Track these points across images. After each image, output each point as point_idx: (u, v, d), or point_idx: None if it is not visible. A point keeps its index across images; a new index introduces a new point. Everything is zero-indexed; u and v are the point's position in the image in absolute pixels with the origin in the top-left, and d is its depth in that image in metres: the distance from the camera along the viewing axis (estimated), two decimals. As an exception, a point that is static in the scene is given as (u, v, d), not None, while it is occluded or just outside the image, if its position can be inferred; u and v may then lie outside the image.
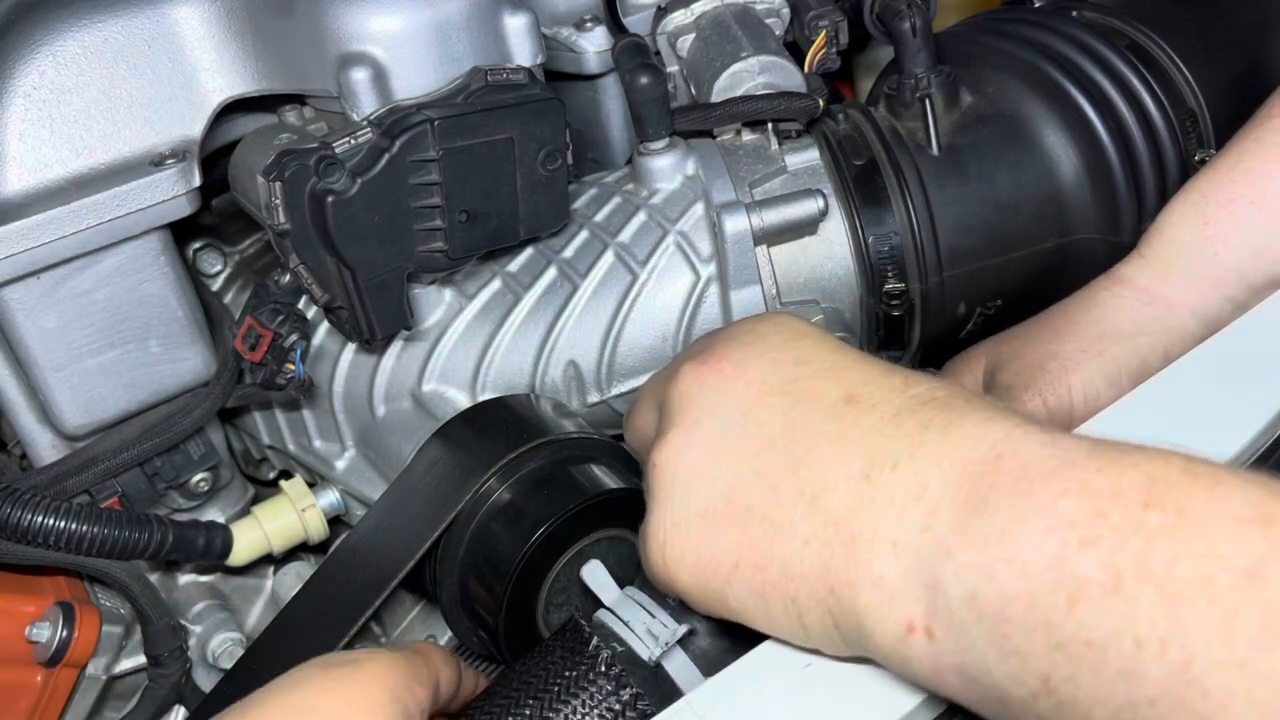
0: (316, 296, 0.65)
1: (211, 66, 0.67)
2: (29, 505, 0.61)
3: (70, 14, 0.64)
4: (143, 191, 0.64)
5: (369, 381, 0.73)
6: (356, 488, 0.73)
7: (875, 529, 0.39)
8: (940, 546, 0.37)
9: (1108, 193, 0.75)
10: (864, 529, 0.39)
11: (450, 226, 0.65)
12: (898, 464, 0.40)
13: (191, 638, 0.74)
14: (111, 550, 0.63)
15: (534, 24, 0.69)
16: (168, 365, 0.70)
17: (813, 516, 0.41)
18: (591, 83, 0.84)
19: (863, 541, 0.39)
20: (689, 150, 0.75)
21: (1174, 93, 0.77)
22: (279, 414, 0.77)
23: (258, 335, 0.66)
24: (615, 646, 0.50)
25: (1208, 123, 0.76)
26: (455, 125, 0.63)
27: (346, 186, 0.61)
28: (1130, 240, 0.75)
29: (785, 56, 0.78)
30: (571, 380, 0.73)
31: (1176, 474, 0.34)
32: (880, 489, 0.40)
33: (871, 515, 0.39)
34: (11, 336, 0.65)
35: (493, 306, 0.73)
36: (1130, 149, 0.75)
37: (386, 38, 0.64)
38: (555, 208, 0.70)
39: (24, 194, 0.63)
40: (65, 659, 0.67)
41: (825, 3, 0.81)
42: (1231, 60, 0.78)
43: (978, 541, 0.36)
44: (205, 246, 0.81)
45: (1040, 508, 0.35)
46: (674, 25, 0.82)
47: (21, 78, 0.63)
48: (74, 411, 0.67)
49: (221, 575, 0.77)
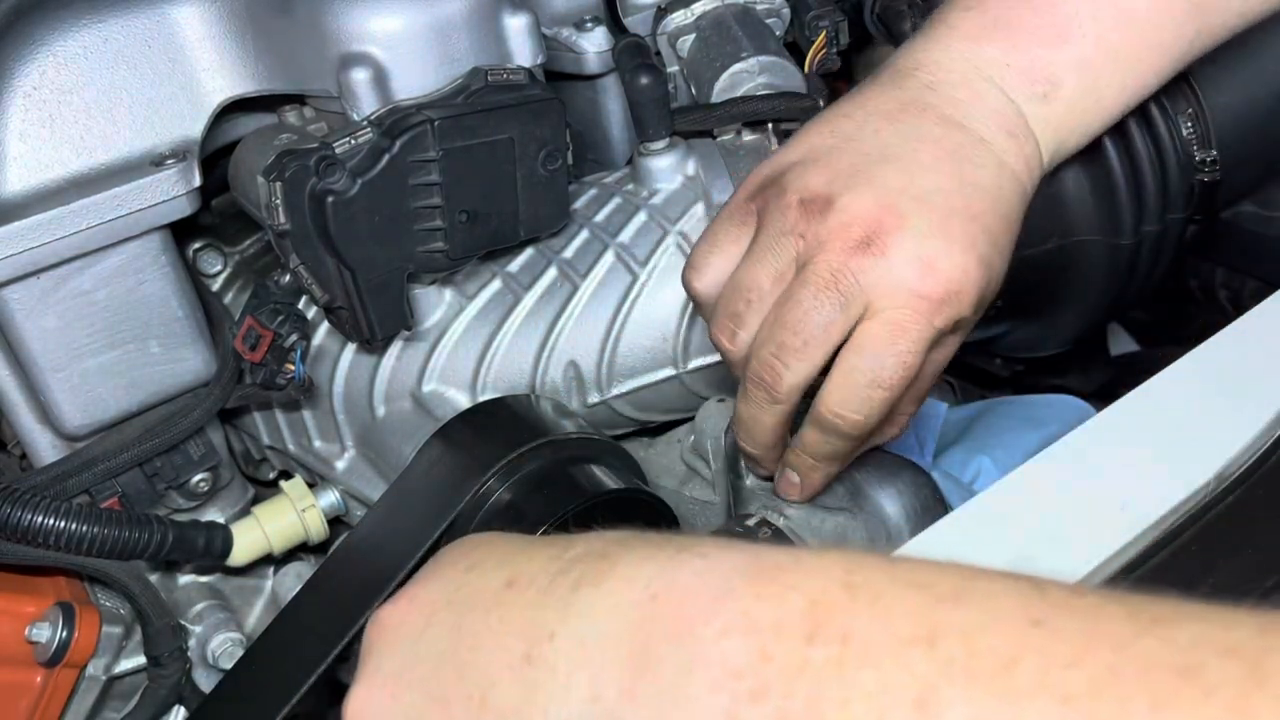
0: (316, 296, 0.65)
1: (211, 66, 0.67)
2: (29, 505, 0.61)
3: (70, 14, 0.64)
4: (143, 191, 0.64)
5: (369, 382, 0.73)
6: (356, 488, 0.73)
7: (545, 712, 0.35)
8: (613, 718, 0.33)
9: (1108, 193, 0.75)
10: (535, 715, 0.35)
11: (450, 227, 0.65)
12: (554, 634, 0.36)
13: (191, 638, 0.74)
14: (111, 550, 0.63)
15: (534, 24, 0.69)
16: (168, 365, 0.70)
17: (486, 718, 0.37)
18: (591, 83, 0.84)
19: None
20: (689, 150, 0.75)
21: (1175, 92, 0.77)
22: (279, 414, 0.77)
23: (258, 335, 0.66)
24: None
25: (1209, 122, 0.76)
26: (455, 125, 0.63)
27: (346, 186, 0.61)
28: (1130, 240, 0.75)
29: (785, 57, 0.78)
30: (571, 380, 0.73)
31: (837, 593, 0.32)
32: (541, 667, 0.36)
33: (541, 697, 0.35)
34: (11, 336, 0.65)
35: (493, 306, 0.73)
36: (1130, 149, 0.75)
37: (386, 38, 0.64)
38: (555, 208, 0.70)
39: (24, 194, 0.63)
40: (65, 659, 0.67)
41: (825, 3, 0.81)
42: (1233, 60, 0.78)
43: (648, 706, 0.33)
44: (205, 246, 0.81)
45: (704, 656, 0.32)
46: (674, 25, 0.82)
47: (21, 78, 0.63)
48: (74, 412, 0.67)
49: (221, 575, 0.77)
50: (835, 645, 0.30)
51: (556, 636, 0.36)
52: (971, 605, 0.30)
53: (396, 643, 0.40)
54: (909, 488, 0.66)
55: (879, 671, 0.29)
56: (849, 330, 0.54)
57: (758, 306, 0.56)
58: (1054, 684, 0.27)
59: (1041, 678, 0.27)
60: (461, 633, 0.39)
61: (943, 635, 0.29)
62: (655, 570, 0.35)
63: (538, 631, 0.36)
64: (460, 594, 0.40)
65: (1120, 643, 0.28)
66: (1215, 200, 0.77)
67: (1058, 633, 0.28)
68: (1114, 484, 0.49)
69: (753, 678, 0.31)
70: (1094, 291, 0.78)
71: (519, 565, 0.39)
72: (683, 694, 0.32)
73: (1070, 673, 0.27)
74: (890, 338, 0.53)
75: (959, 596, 0.30)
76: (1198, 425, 0.51)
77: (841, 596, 0.31)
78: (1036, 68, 0.59)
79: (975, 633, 0.29)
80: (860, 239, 0.53)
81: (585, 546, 0.38)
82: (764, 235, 0.56)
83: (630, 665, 0.34)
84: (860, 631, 0.30)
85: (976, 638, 0.29)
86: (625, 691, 0.33)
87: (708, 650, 0.32)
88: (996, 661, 0.28)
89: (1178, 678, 0.26)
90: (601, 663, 0.34)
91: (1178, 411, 0.52)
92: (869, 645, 0.30)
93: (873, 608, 0.31)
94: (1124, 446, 0.52)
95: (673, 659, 0.33)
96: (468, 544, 0.43)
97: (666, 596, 0.34)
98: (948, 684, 0.28)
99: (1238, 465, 0.49)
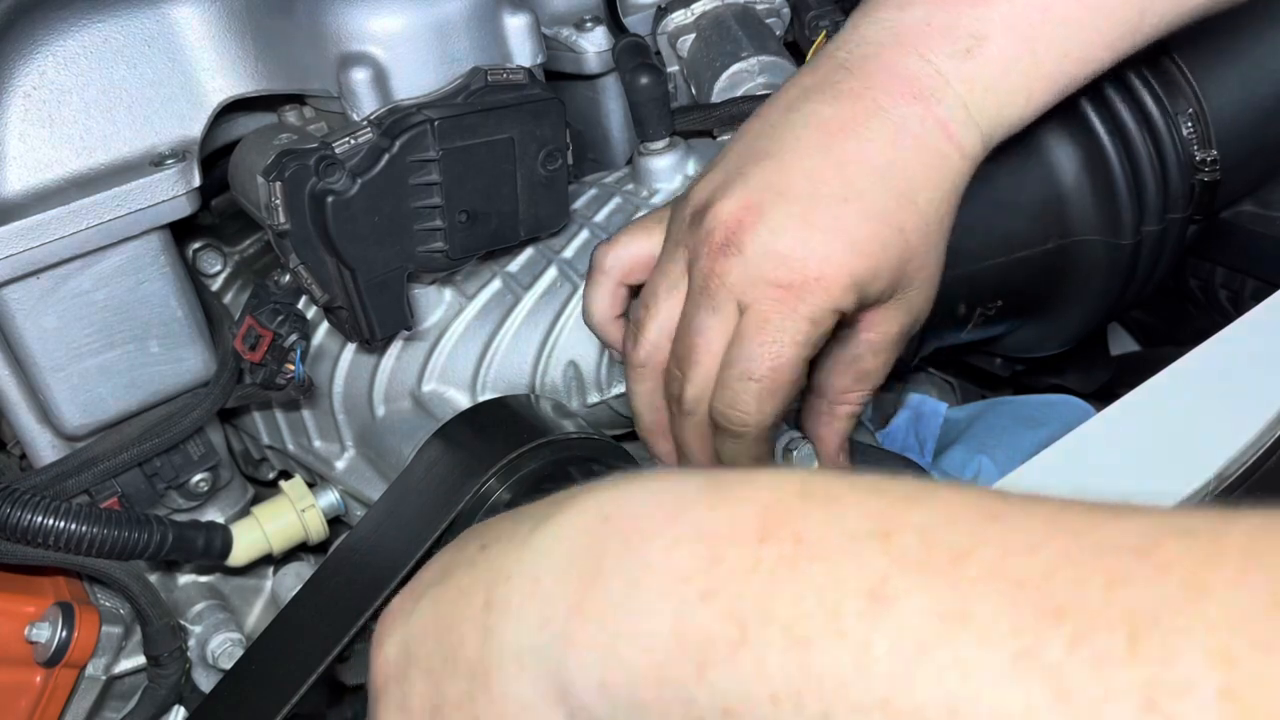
0: (316, 296, 0.65)
1: (211, 66, 0.67)
2: (29, 505, 0.61)
3: (70, 14, 0.64)
4: (143, 191, 0.64)
5: (369, 382, 0.73)
6: (356, 488, 0.73)
7: (501, 650, 0.35)
8: (561, 638, 0.33)
9: (1108, 193, 0.75)
10: (492, 657, 0.35)
11: (450, 226, 0.65)
12: (510, 576, 0.35)
13: (191, 638, 0.74)
14: (111, 550, 0.63)
15: (534, 24, 0.69)
16: (167, 365, 0.70)
17: (458, 676, 0.36)
18: (591, 83, 0.84)
19: (494, 671, 0.35)
20: (689, 150, 0.75)
21: (1175, 92, 0.77)
22: (279, 414, 0.77)
23: (258, 335, 0.66)
24: None
25: (1209, 122, 0.76)
26: (455, 125, 0.63)
27: (346, 186, 0.61)
28: (1130, 240, 0.75)
29: (785, 56, 0.78)
30: (571, 380, 0.73)
31: (791, 499, 0.31)
32: (497, 610, 0.35)
33: (497, 639, 0.35)
34: (11, 336, 0.65)
35: (493, 306, 0.73)
36: (1130, 149, 0.75)
37: (386, 38, 0.64)
38: (555, 208, 0.70)
39: (24, 194, 0.63)
40: (65, 659, 0.67)
41: (825, 3, 0.81)
42: (1233, 59, 0.78)
43: (595, 620, 0.32)
44: (205, 246, 0.81)
45: (654, 564, 0.31)
46: (674, 25, 0.82)
47: (21, 78, 0.63)
48: (74, 411, 0.67)
49: (221, 575, 0.77)
50: (788, 544, 0.30)
51: (512, 578, 0.35)
52: (929, 505, 0.30)
53: (396, 628, 0.41)
54: (909, 488, 0.66)
55: (832, 565, 0.29)
56: (730, 333, 0.55)
57: (653, 313, 0.58)
58: (1009, 570, 0.27)
59: (997, 565, 0.27)
60: (439, 603, 0.39)
61: (898, 531, 0.29)
62: (609, 496, 0.35)
63: (497, 579, 0.36)
64: (445, 570, 0.40)
65: (1076, 532, 0.27)
66: (1215, 200, 0.77)
67: (1014, 526, 0.28)
68: (1114, 484, 0.49)
69: (702, 580, 0.30)
70: (1094, 291, 0.78)
71: (494, 530, 0.39)
72: (630, 603, 0.31)
73: (1025, 559, 0.27)
74: (755, 330, 0.54)
75: (916, 498, 0.30)
76: (1198, 425, 0.51)
77: (796, 502, 0.31)
78: (959, 24, 0.56)
79: (931, 528, 0.29)
80: (721, 241, 0.54)
81: (551, 501, 0.37)
82: (664, 249, 0.59)
83: (580, 584, 0.33)
84: (814, 530, 0.30)
85: (932, 532, 0.29)
86: (573, 608, 0.33)
87: (657, 559, 0.32)
88: (952, 553, 0.28)
89: (1134, 556, 0.26)
90: (552, 589, 0.34)
91: (1178, 411, 0.52)
92: (822, 542, 0.30)
93: (826, 509, 0.30)
94: (1124, 446, 0.52)
95: (620, 571, 0.32)
96: (451, 549, 0.43)
97: (619, 516, 0.33)
98: (900, 574, 0.28)
99: (1238, 465, 0.49)
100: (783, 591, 0.29)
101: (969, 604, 0.27)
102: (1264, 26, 0.79)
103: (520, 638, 0.34)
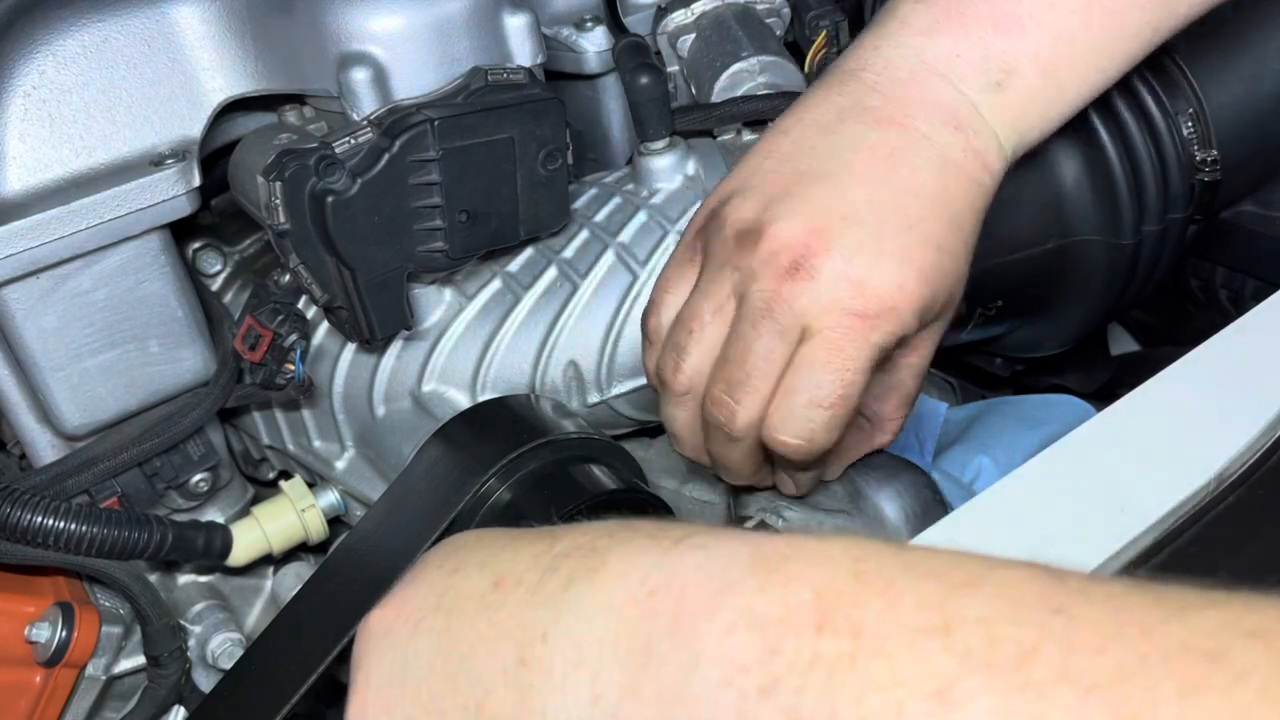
0: (316, 296, 0.65)
1: (211, 66, 0.67)
2: (29, 505, 0.61)
3: (70, 14, 0.64)
4: (142, 191, 0.64)
5: (369, 381, 0.73)
6: (356, 488, 0.73)
7: (543, 714, 0.34)
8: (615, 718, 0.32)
9: (1108, 193, 0.75)
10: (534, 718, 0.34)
11: (450, 226, 0.65)
12: (547, 634, 0.35)
13: (191, 638, 0.74)
14: (111, 550, 0.63)
15: (534, 24, 0.69)
16: (167, 365, 0.70)
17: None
18: (592, 83, 0.84)
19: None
20: (689, 150, 0.75)
21: (1175, 92, 0.77)
22: (279, 414, 0.77)
23: (257, 335, 0.66)
24: None
25: (1209, 122, 0.76)
26: (455, 125, 0.63)
27: (346, 186, 0.61)
28: (1130, 240, 0.75)
29: (785, 56, 0.78)
30: (571, 380, 0.73)
31: (845, 582, 0.30)
32: (536, 670, 0.34)
33: (537, 701, 0.34)
34: (11, 336, 0.65)
35: (493, 306, 0.73)
36: (1130, 149, 0.75)
37: (386, 37, 0.64)
38: (555, 208, 0.70)
39: (24, 194, 0.63)
40: (65, 659, 0.67)
41: (825, 3, 0.81)
42: (1233, 60, 0.78)
43: (653, 704, 0.32)
44: (205, 246, 0.81)
45: (709, 652, 0.31)
46: (674, 25, 0.82)
47: (21, 78, 0.63)
48: (73, 411, 0.67)
49: (221, 575, 0.77)
50: (846, 638, 0.29)
51: (550, 637, 0.35)
52: (988, 593, 0.29)
53: (385, 651, 0.40)
54: (908, 489, 0.66)
55: (894, 663, 0.28)
56: (790, 358, 0.53)
57: (698, 337, 0.56)
58: (1078, 672, 0.26)
59: (1065, 666, 0.26)
60: (451, 639, 0.38)
61: (959, 625, 0.28)
62: (651, 564, 0.34)
63: (530, 633, 0.35)
64: (446, 598, 0.39)
65: (1144, 629, 0.27)
66: (1215, 200, 0.77)
67: (1080, 620, 0.27)
68: (1114, 484, 0.49)
69: (761, 673, 0.30)
70: (1094, 291, 0.78)
71: (504, 564, 0.38)
72: (689, 690, 0.31)
73: (1095, 660, 0.26)
74: (826, 357, 0.52)
75: (974, 584, 0.29)
76: (1198, 425, 0.51)
77: (850, 586, 0.30)
78: (990, 57, 0.57)
79: (994, 622, 0.28)
80: (789, 265, 0.53)
81: (572, 541, 0.37)
82: (705, 270, 0.57)
83: (631, 663, 0.32)
84: (872, 623, 0.29)
85: (995, 627, 0.28)
86: (628, 690, 0.32)
87: (712, 647, 0.31)
88: (1017, 651, 0.27)
89: (1206, 663, 0.25)
90: (600, 662, 0.33)
91: (1178, 411, 0.52)
92: (882, 637, 0.29)
93: (884, 597, 0.30)
94: (1124, 446, 0.52)
95: (676, 656, 0.32)
96: (450, 545, 0.42)
97: (665, 591, 0.33)
98: (967, 675, 0.27)
99: (1238, 465, 0.49)
100: (845, 689, 0.29)
101: (1039, 710, 0.26)
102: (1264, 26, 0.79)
103: (569, 709, 0.34)
